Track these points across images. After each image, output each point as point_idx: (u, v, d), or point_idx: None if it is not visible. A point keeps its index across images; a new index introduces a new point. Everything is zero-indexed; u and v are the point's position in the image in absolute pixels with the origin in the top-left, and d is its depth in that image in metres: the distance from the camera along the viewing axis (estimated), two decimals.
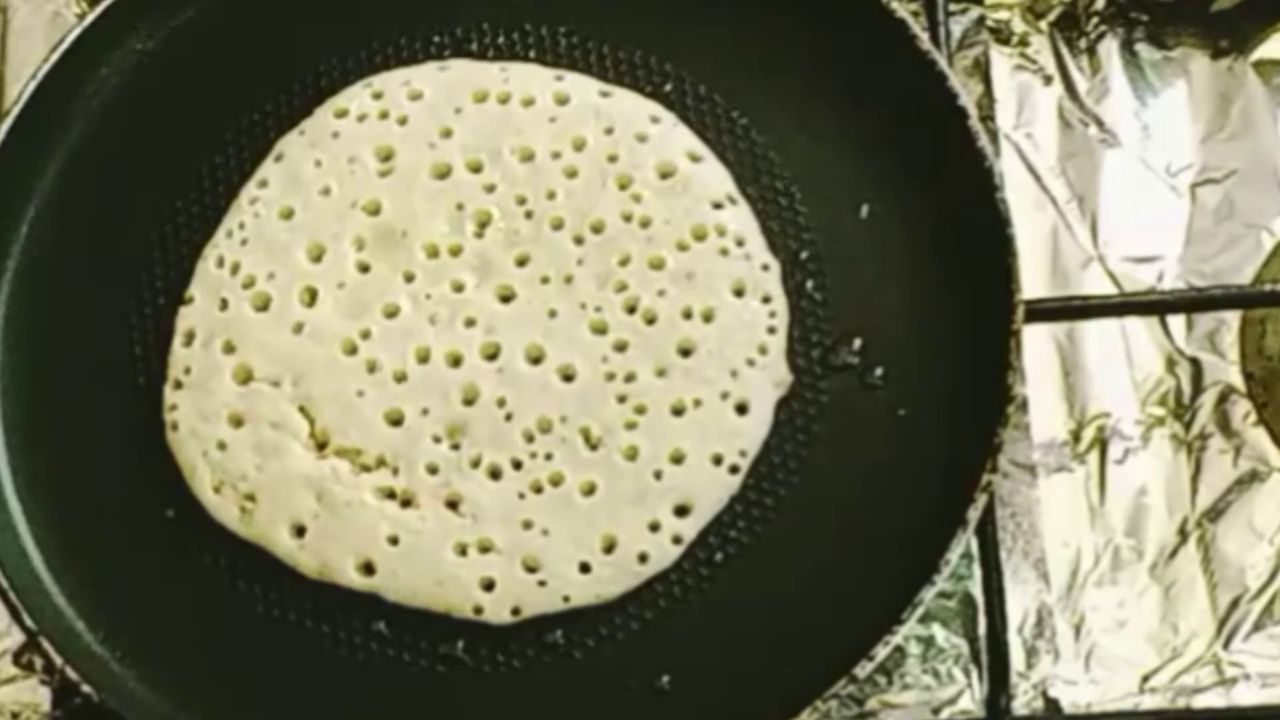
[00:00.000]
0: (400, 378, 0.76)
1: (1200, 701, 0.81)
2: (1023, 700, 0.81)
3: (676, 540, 0.74)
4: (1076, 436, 0.86)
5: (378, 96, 0.81)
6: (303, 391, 0.77)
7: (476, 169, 0.79)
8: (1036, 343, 0.86)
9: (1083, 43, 0.93)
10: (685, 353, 0.76)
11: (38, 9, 0.97)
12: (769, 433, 0.75)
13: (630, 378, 0.75)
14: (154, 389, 0.78)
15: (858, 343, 0.76)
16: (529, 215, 0.78)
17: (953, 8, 0.90)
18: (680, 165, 0.79)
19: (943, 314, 0.76)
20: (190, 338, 0.79)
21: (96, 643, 0.76)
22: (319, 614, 0.75)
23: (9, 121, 0.81)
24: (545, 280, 0.77)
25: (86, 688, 0.73)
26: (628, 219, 0.78)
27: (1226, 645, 0.82)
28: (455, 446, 0.75)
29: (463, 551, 0.74)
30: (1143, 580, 0.83)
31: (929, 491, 0.73)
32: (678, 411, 0.75)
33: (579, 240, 0.78)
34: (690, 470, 0.74)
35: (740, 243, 0.77)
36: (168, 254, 0.80)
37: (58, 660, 0.74)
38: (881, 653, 0.70)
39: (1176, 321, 0.87)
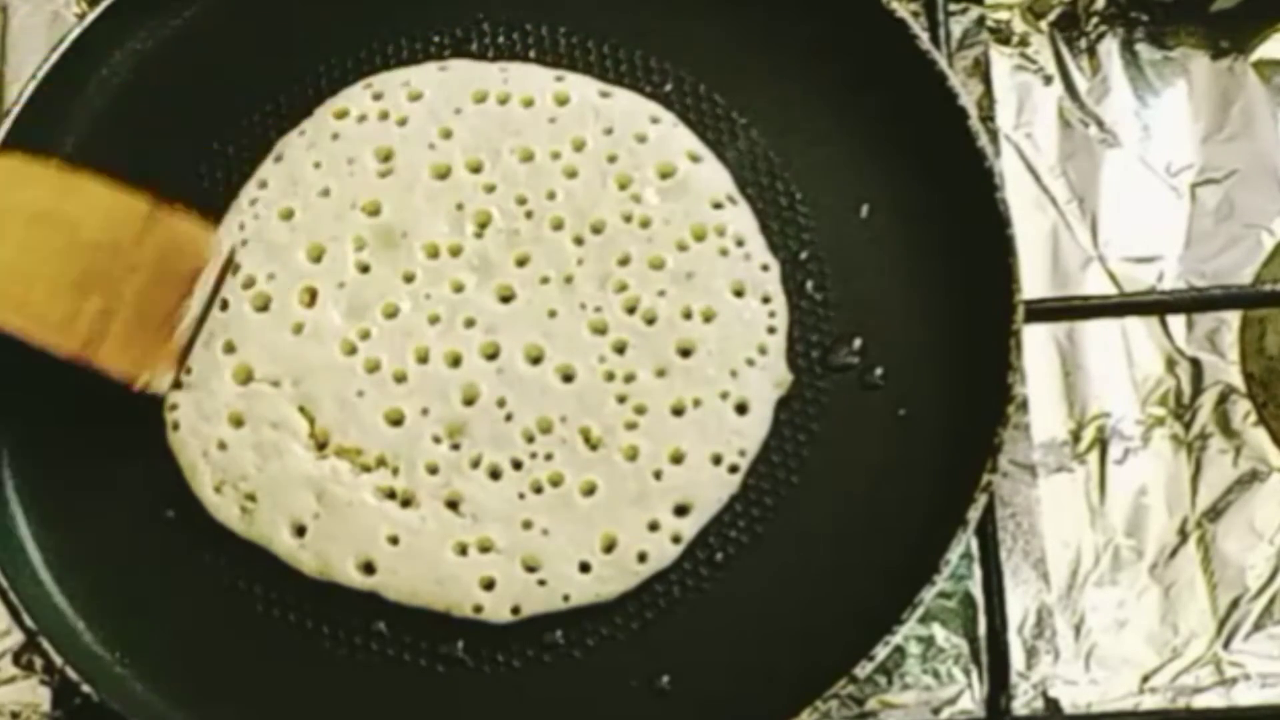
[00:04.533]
0: (400, 378, 0.76)
1: (1200, 701, 0.81)
2: (1023, 700, 0.81)
3: (676, 540, 0.74)
4: (1076, 436, 0.86)
5: (378, 97, 0.81)
6: (303, 391, 0.77)
7: (476, 169, 0.79)
8: (1036, 343, 0.86)
9: (1083, 43, 0.93)
10: (685, 353, 0.76)
11: (38, 9, 0.97)
12: (769, 433, 0.75)
13: (630, 378, 0.75)
14: None
15: (858, 343, 0.76)
16: (529, 215, 0.78)
17: (953, 8, 0.90)
18: (680, 165, 0.79)
19: (943, 314, 0.76)
20: None
21: (96, 643, 0.76)
22: (319, 614, 0.75)
23: (9, 121, 0.81)
24: (545, 280, 0.77)
25: (86, 688, 0.73)
26: (628, 219, 0.78)
27: (1226, 645, 0.82)
28: (455, 446, 0.75)
29: (463, 551, 0.74)
30: (1143, 580, 0.83)
31: (929, 491, 0.73)
32: (677, 411, 0.75)
33: (579, 240, 0.78)
34: (690, 470, 0.74)
35: (740, 243, 0.77)
36: None
37: (58, 660, 0.74)
38: (881, 653, 0.70)
39: (1176, 321, 0.87)
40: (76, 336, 0.76)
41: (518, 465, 0.75)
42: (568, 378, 0.76)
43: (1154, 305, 0.84)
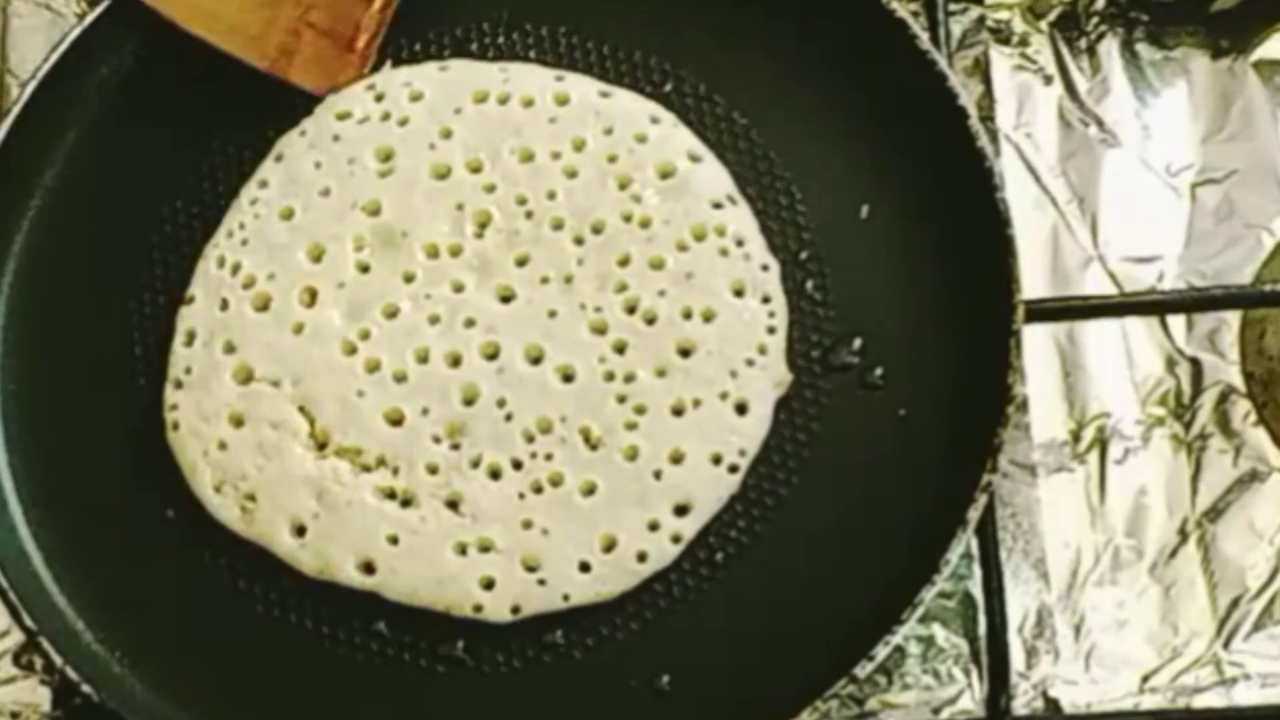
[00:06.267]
0: (400, 378, 0.76)
1: (1200, 701, 0.81)
2: (1023, 700, 0.81)
3: (676, 539, 0.74)
4: (1076, 436, 0.86)
5: (379, 98, 0.81)
6: (303, 391, 0.77)
7: (476, 169, 0.79)
8: (1036, 343, 0.86)
9: (1083, 43, 0.93)
10: (685, 353, 0.76)
11: (38, 9, 0.97)
12: (769, 432, 0.75)
13: (630, 378, 0.75)
14: (154, 389, 0.78)
15: (858, 343, 0.76)
16: (529, 215, 0.78)
17: (953, 8, 0.90)
18: (680, 165, 0.79)
19: (943, 314, 0.76)
20: (191, 337, 0.79)
21: (96, 643, 0.76)
22: (319, 614, 0.75)
23: (9, 121, 0.81)
24: (545, 280, 0.77)
25: (86, 688, 0.73)
26: (627, 219, 0.78)
27: (1226, 645, 0.82)
28: (455, 446, 0.75)
29: (463, 551, 0.74)
30: (1143, 580, 0.83)
31: (929, 491, 0.73)
32: (677, 411, 0.75)
33: (579, 240, 0.78)
34: (690, 470, 0.74)
35: (740, 243, 0.77)
36: (168, 254, 0.81)
37: (58, 660, 0.74)
38: (881, 653, 0.70)
39: (1176, 321, 0.87)
40: (269, 50, 0.79)
41: (518, 465, 0.75)
42: (568, 378, 0.76)
43: (1154, 305, 0.84)
